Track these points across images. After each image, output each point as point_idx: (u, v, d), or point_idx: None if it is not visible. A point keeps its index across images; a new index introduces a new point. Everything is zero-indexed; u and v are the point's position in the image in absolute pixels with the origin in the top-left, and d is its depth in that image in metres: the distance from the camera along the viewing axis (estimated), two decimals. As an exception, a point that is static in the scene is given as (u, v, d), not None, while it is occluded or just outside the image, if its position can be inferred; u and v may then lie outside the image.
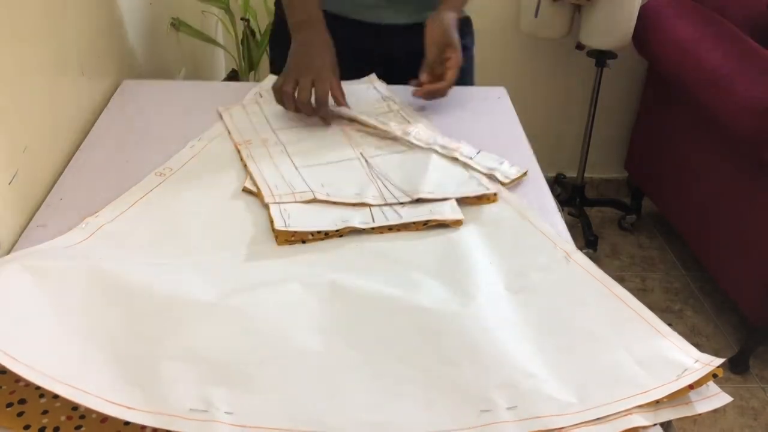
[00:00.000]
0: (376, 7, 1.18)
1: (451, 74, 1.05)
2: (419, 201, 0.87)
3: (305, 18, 1.08)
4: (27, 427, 0.58)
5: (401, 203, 0.87)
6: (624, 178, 2.51)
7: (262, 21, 1.85)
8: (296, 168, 0.94)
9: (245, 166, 0.94)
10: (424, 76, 1.05)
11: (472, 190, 0.91)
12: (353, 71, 1.18)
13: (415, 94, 1.06)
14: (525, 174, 0.96)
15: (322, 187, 0.89)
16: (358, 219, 0.84)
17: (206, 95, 1.15)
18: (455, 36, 1.06)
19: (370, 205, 0.87)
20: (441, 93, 1.07)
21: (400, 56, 1.19)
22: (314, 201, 0.87)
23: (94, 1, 1.11)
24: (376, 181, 0.92)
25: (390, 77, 1.20)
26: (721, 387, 0.65)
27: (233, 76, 1.89)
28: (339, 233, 0.82)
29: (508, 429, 0.60)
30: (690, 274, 2.20)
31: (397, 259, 0.79)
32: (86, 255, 0.75)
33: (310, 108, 1.02)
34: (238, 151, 0.97)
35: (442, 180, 0.92)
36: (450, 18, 1.07)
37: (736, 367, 1.86)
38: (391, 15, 1.18)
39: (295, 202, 0.86)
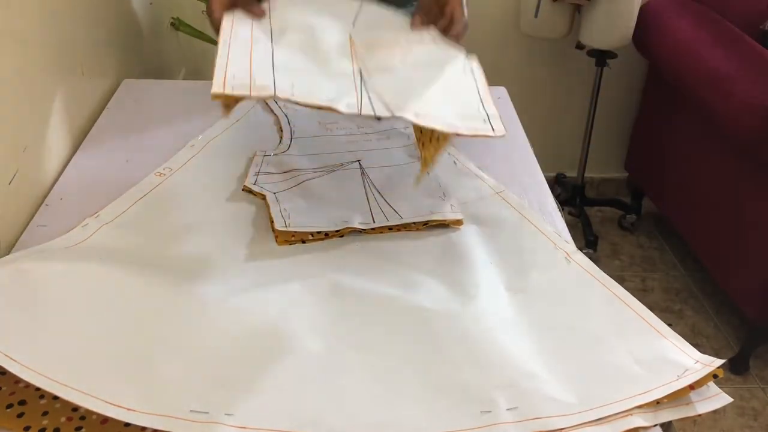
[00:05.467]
0: None
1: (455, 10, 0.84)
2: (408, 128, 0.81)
3: None
4: (27, 428, 0.58)
5: (377, 117, 0.76)
6: (624, 178, 2.51)
7: (262, 21, 1.84)
8: (271, 56, 0.82)
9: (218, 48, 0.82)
10: (417, 19, 0.86)
11: (472, 128, 0.78)
12: None
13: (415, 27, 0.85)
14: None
15: (292, 87, 0.76)
16: (358, 219, 0.84)
17: (206, 95, 1.13)
18: None
19: (336, 111, 0.75)
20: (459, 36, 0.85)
21: None
22: (275, 98, 0.76)
23: (94, 1, 1.11)
24: (359, 92, 0.79)
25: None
26: (721, 387, 0.65)
27: (233, 75, 1.88)
28: (339, 233, 0.82)
29: (508, 430, 0.60)
30: (690, 274, 2.19)
31: (397, 259, 0.79)
32: (86, 255, 0.75)
33: None
34: (218, 44, 0.84)
35: (442, 103, 0.79)
36: None
37: (736, 368, 1.86)
38: None
39: (250, 96, 0.76)
